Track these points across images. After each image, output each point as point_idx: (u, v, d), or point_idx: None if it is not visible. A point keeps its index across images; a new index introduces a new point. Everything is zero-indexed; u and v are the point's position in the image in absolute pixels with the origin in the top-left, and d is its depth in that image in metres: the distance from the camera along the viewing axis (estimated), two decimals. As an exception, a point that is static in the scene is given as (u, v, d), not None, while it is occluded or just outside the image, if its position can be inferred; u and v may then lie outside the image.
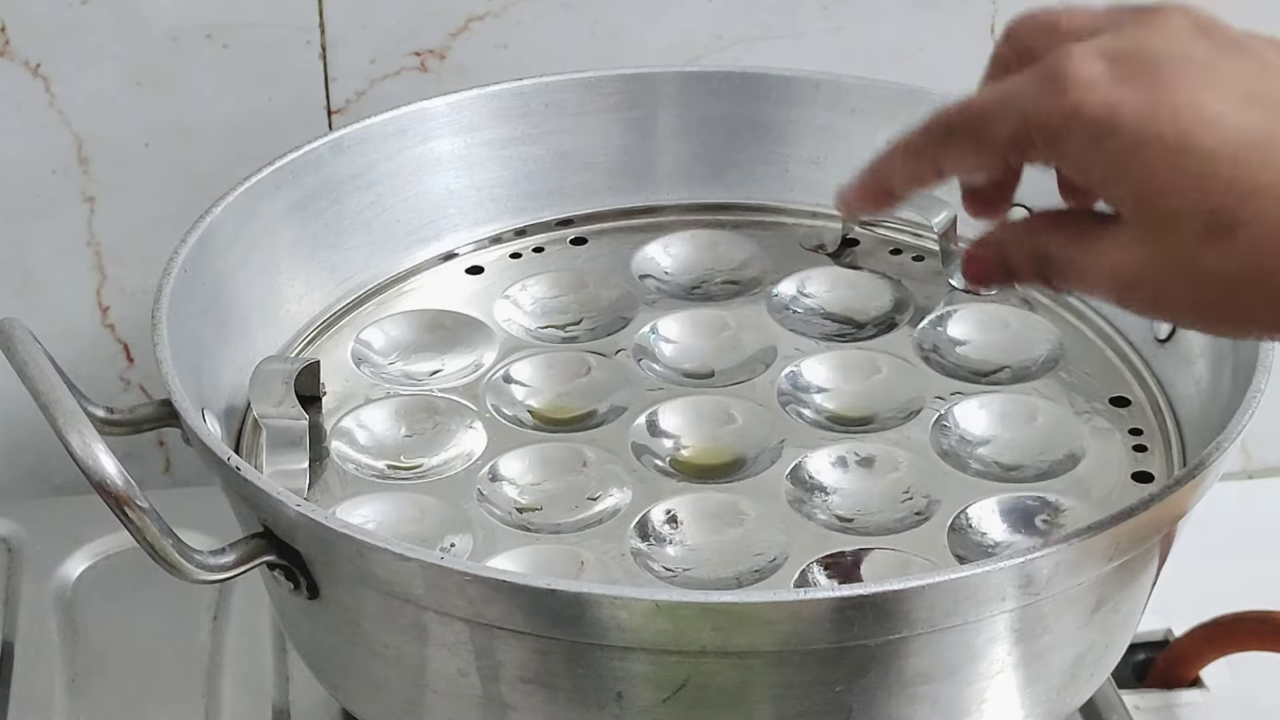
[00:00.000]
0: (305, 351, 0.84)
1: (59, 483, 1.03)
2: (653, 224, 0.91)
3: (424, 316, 0.85)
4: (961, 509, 0.74)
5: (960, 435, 0.79)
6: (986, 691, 0.68)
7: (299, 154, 0.85)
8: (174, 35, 0.95)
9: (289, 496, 0.66)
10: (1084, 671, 0.72)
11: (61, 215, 0.98)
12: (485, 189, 0.90)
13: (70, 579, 0.94)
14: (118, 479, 0.64)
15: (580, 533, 0.74)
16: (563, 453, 0.78)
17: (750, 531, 0.74)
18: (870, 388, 0.81)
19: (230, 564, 0.67)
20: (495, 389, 0.81)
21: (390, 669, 0.70)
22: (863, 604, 0.62)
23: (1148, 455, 0.78)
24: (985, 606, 0.64)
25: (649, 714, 0.65)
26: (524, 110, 0.89)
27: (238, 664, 0.89)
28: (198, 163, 0.97)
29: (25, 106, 0.95)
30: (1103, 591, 0.69)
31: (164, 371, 0.72)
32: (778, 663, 0.64)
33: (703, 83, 0.91)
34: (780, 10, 0.99)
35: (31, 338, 0.70)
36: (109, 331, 1.01)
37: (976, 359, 0.83)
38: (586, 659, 0.65)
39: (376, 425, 0.79)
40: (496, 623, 0.64)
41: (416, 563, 0.64)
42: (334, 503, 0.75)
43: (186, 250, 0.78)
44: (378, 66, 0.97)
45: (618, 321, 0.85)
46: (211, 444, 0.68)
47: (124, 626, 0.91)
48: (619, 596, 0.63)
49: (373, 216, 0.87)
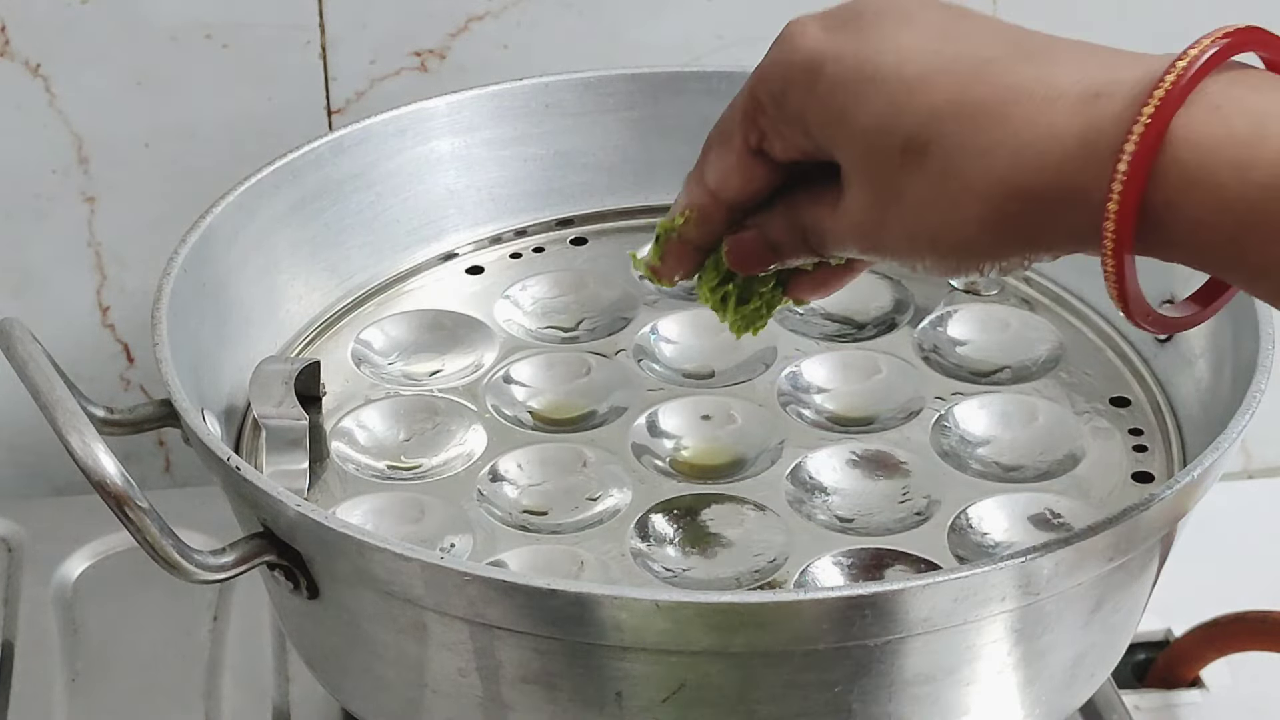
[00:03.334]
0: (305, 351, 0.84)
1: (59, 483, 1.03)
2: (652, 224, 0.89)
3: (424, 316, 0.85)
4: (961, 509, 0.74)
5: (960, 435, 0.79)
6: (986, 692, 0.68)
7: (299, 154, 0.85)
8: (174, 35, 0.95)
9: (289, 496, 0.66)
10: (1084, 671, 0.72)
11: (61, 215, 0.98)
12: (485, 189, 0.90)
13: (70, 579, 0.94)
14: (118, 479, 0.64)
15: (580, 533, 0.74)
16: (563, 453, 0.78)
17: (750, 532, 0.74)
18: (870, 388, 0.81)
19: (230, 564, 0.67)
20: (495, 389, 0.81)
21: (390, 669, 0.70)
22: (863, 604, 0.62)
23: (1148, 455, 0.78)
24: (985, 606, 0.64)
25: (649, 714, 0.65)
26: (524, 110, 0.89)
27: (238, 664, 0.89)
28: (198, 163, 0.97)
29: (25, 106, 0.95)
30: (1103, 591, 0.69)
31: (164, 371, 0.72)
32: (778, 663, 0.64)
33: (703, 83, 0.91)
34: (780, 10, 0.98)
35: (31, 338, 0.70)
36: (109, 331, 1.01)
37: (976, 359, 0.83)
38: (586, 659, 0.65)
39: (376, 425, 0.79)
40: (496, 623, 0.64)
41: (416, 563, 0.64)
42: (334, 503, 0.75)
43: (186, 250, 0.78)
44: (378, 66, 0.97)
45: (618, 322, 0.85)
46: (211, 444, 0.68)
47: (124, 626, 0.91)
48: (619, 596, 0.62)
49: (373, 216, 0.87)
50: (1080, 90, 0.57)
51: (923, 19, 0.62)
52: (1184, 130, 0.55)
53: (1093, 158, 0.56)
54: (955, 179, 0.59)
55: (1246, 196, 0.55)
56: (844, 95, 0.61)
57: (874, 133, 0.61)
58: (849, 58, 0.61)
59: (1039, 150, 0.57)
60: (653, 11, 0.98)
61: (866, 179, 0.62)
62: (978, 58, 0.60)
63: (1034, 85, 0.58)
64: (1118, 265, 0.57)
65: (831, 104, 0.62)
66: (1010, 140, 0.58)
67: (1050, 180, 0.57)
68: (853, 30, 0.62)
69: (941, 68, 0.60)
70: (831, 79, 0.62)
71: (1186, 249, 0.57)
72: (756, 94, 0.65)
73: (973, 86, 0.59)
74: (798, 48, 0.63)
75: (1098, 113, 0.57)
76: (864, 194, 0.62)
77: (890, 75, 0.60)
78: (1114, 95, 0.57)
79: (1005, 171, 0.58)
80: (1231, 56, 0.57)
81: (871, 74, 0.61)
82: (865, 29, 0.62)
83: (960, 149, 0.59)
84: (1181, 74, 0.56)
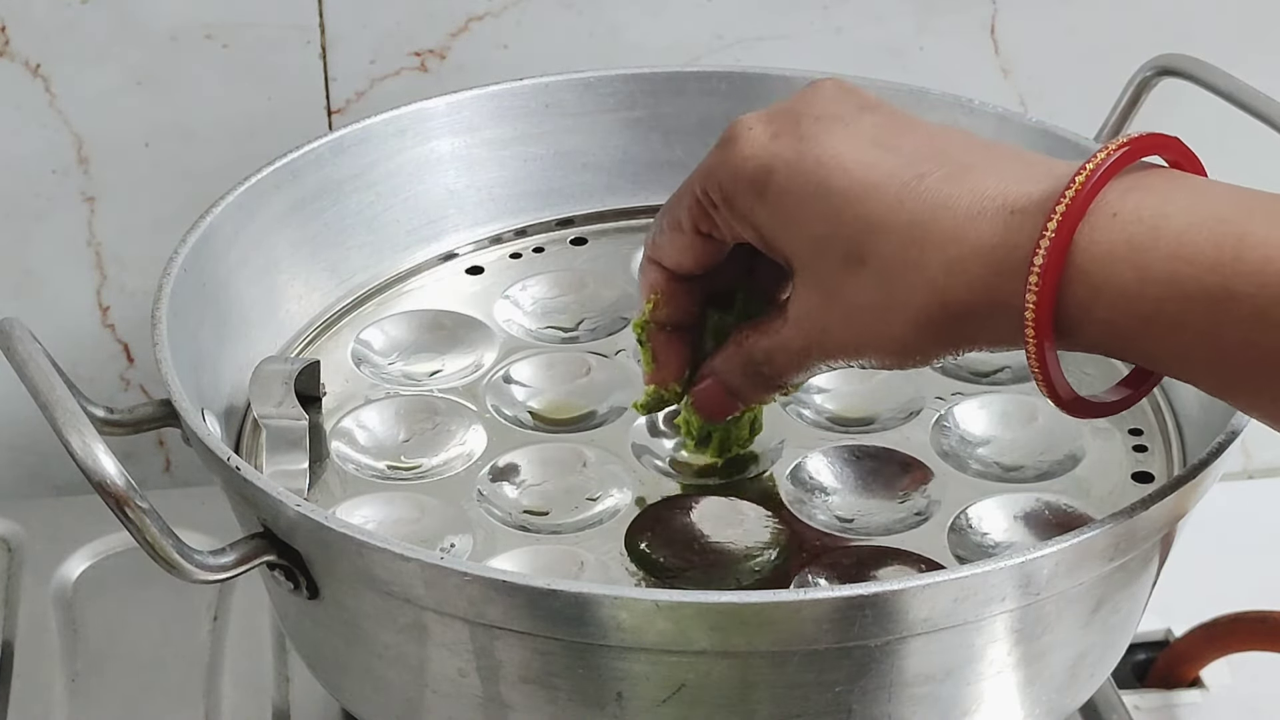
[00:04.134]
0: (305, 351, 0.84)
1: (59, 483, 1.03)
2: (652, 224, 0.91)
3: (424, 317, 0.85)
4: (961, 509, 0.74)
5: (960, 435, 0.79)
6: (986, 692, 0.68)
7: (299, 154, 0.85)
8: (174, 35, 0.95)
9: (289, 496, 0.66)
10: (1084, 671, 0.72)
11: (61, 215, 0.98)
12: (485, 189, 0.90)
13: (70, 579, 0.94)
14: (118, 479, 0.64)
15: (580, 533, 0.74)
16: (563, 453, 0.78)
17: (749, 531, 0.74)
18: (870, 388, 0.81)
19: (230, 564, 0.67)
20: (495, 389, 0.81)
21: (390, 669, 0.70)
22: (863, 604, 0.62)
23: (1148, 455, 0.78)
24: (985, 606, 0.64)
25: (649, 714, 0.65)
26: (524, 110, 0.89)
27: (238, 664, 0.89)
28: (198, 163, 0.97)
29: (25, 106, 0.95)
30: (1103, 591, 0.69)
31: (164, 371, 0.72)
32: (778, 663, 0.64)
33: (703, 83, 0.91)
34: (780, 10, 0.99)
35: (31, 338, 0.70)
36: (109, 331, 1.01)
37: (976, 359, 0.83)
38: (586, 659, 0.65)
39: (376, 425, 0.79)
40: (496, 623, 0.64)
41: (416, 563, 0.64)
42: (334, 503, 0.75)
43: (186, 250, 0.78)
44: (378, 66, 0.97)
45: (618, 322, 0.85)
46: (211, 444, 0.68)
47: (124, 626, 0.91)
48: (619, 596, 0.62)
49: (373, 216, 0.87)
50: (998, 205, 0.62)
51: (860, 126, 0.66)
52: (1086, 241, 0.60)
53: (1010, 271, 0.61)
54: (891, 290, 0.64)
55: (1146, 295, 0.59)
56: (790, 203, 0.66)
57: (819, 240, 0.65)
58: (792, 167, 0.66)
59: (964, 266, 0.62)
60: (653, 11, 0.98)
61: (813, 281, 0.66)
62: (911, 172, 0.64)
63: (960, 200, 0.63)
64: (1041, 364, 0.62)
65: (779, 211, 0.66)
66: (938, 256, 0.62)
67: (976, 294, 0.62)
68: (795, 137, 0.66)
69: (876, 182, 0.64)
70: (778, 187, 0.66)
71: (1103, 345, 0.62)
72: (706, 189, 0.68)
73: (906, 201, 0.63)
74: (745, 153, 0.67)
75: (1014, 227, 0.61)
76: (811, 294, 0.67)
77: (832, 188, 0.65)
78: (1026, 210, 0.61)
79: (935, 284, 0.63)
80: (1131, 163, 0.61)
81: (815, 187, 0.65)
82: (807, 137, 0.66)
83: (895, 263, 0.63)
84: (1081, 187, 0.60)
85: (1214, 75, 0.81)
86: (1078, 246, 0.60)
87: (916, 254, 0.63)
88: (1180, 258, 0.58)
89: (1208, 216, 0.59)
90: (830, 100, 0.68)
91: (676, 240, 0.71)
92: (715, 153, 0.68)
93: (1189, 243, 0.59)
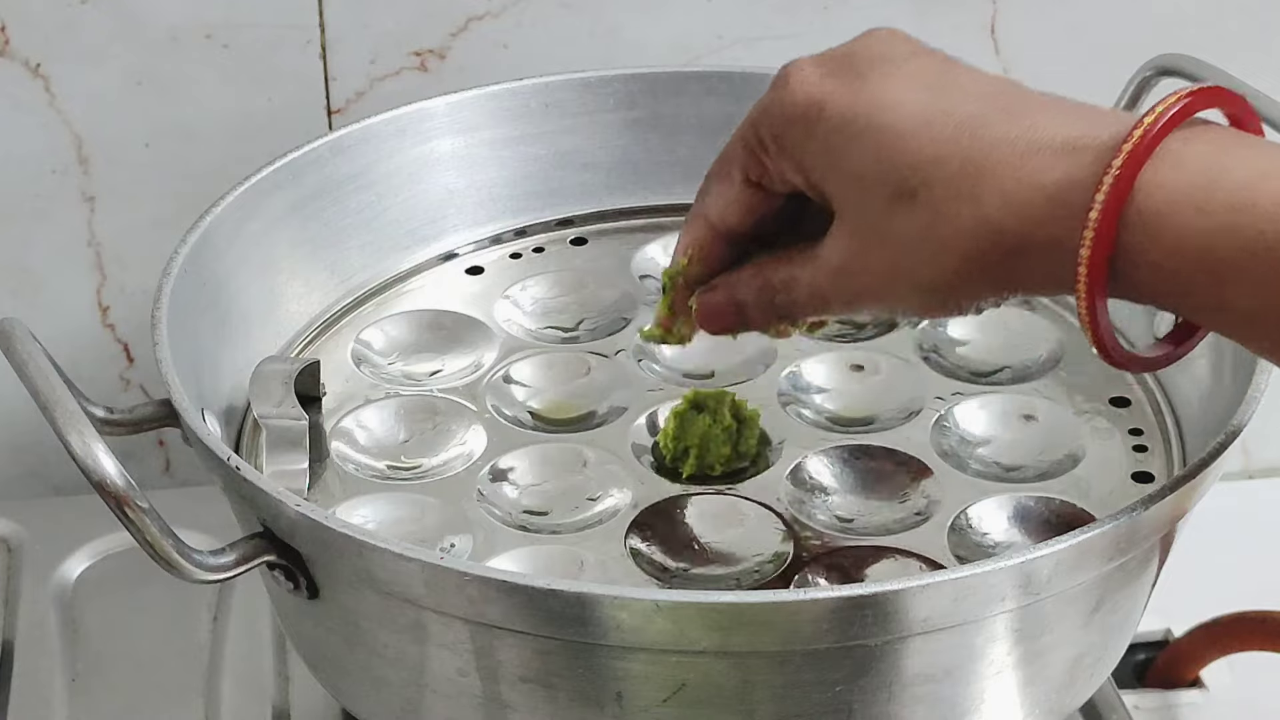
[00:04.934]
0: (305, 351, 0.84)
1: (59, 483, 1.03)
2: (653, 224, 0.91)
3: (424, 317, 0.85)
4: (961, 509, 0.74)
5: (960, 435, 0.79)
6: (986, 691, 0.68)
7: (299, 154, 0.85)
8: (174, 35, 0.95)
9: (289, 496, 0.66)
10: (1084, 672, 0.72)
11: (61, 215, 0.98)
12: (485, 189, 0.90)
13: (70, 579, 0.94)
14: (118, 479, 0.64)
15: (580, 533, 0.74)
16: (563, 453, 0.78)
17: (750, 531, 0.74)
18: (870, 388, 0.81)
19: (230, 564, 0.67)
20: (495, 389, 0.81)
21: (390, 669, 0.70)
22: (863, 604, 0.62)
23: (1148, 455, 0.78)
24: (985, 606, 0.64)
25: (649, 714, 0.65)
26: (524, 110, 0.89)
27: (238, 664, 0.89)
28: (198, 163, 0.97)
29: (25, 106, 0.95)
30: (1103, 591, 0.69)
31: (164, 371, 0.72)
32: (778, 663, 0.64)
33: (703, 83, 0.91)
34: (780, 10, 0.99)
35: (31, 338, 0.70)
36: (109, 331, 1.01)
37: (976, 359, 0.83)
38: (586, 659, 0.65)
39: (376, 425, 0.79)
40: (496, 623, 0.64)
41: (416, 563, 0.64)
42: (334, 503, 0.75)
43: (186, 250, 0.78)
44: (378, 66, 0.97)
45: (618, 322, 0.85)
46: (211, 444, 0.68)
47: (124, 626, 0.91)
48: (619, 596, 0.63)
49: (373, 216, 0.87)
50: (1058, 144, 0.61)
51: (912, 68, 0.66)
52: (1148, 183, 0.59)
53: (1067, 207, 0.60)
54: (942, 223, 0.63)
55: (1202, 242, 0.59)
56: (839, 140, 0.65)
57: (865, 178, 0.64)
58: (844, 104, 0.65)
59: (1021, 199, 0.61)
60: (652, 11, 0.98)
61: (854, 219, 0.65)
62: (963, 112, 0.63)
63: (1018, 136, 0.62)
64: (1090, 309, 0.61)
65: (827, 148, 0.65)
66: (994, 186, 0.61)
67: (1030, 229, 0.61)
68: (848, 77, 0.66)
69: (929, 120, 0.63)
70: (828, 124, 0.65)
71: (1152, 292, 0.61)
72: (757, 131, 0.68)
73: (959, 139, 0.63)
74: (796, 91, 0.66)
75: (1073, 165, 0.61)
76: (849, 235, 0.66)
77: (882, 125, 0.64)
78: (1087, 149, 0.61)
79: (990, 218, 0.62)
80: (1193, 114, 0.61)
81: (865, 123, 0.64)
82: (859, 77, 0.65)
83: (947, 195, 0.62)
84: (1147, 130, 0.60)
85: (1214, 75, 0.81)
86: (1139, 188, 0.59)
87: (970, 186, 0.62)
88: (1239, 208, 0.58)
89: (1268, 170, 0.59)
90: (883, 44, 0.67)
91: (725, 192, 0.70)
92: (767, 94, 0.68)
93: (1248, 194, 0.58)
